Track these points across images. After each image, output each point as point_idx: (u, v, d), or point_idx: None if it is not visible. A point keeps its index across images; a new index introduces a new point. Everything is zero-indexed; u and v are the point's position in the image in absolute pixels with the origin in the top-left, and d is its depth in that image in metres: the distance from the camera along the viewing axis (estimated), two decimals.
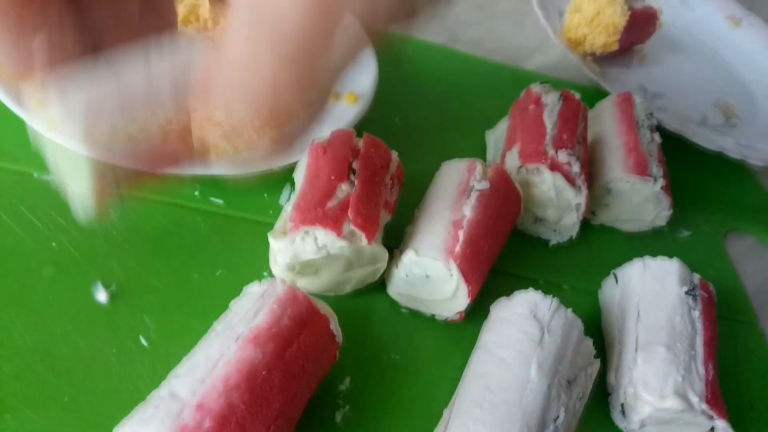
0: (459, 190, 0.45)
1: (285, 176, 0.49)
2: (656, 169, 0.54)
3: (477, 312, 0.44)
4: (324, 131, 0.51)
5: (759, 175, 0.71)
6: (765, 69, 0.86)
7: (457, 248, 0.41)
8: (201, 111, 0.25)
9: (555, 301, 0.41)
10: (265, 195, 0.49)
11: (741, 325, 0.56)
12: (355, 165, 0.43)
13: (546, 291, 0.52)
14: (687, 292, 0.45)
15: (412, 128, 0.60)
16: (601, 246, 0.57)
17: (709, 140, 0.67)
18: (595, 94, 0.66)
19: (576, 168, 0.50)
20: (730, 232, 0.65)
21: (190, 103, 0.25)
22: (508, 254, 0.49)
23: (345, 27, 0.23)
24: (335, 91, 0.55)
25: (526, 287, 0.51)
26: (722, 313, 0.49)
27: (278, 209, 0.48)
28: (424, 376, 0.43)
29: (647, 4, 0.76)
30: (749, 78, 0.86)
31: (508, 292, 0.47)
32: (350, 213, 0.40)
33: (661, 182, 0.54)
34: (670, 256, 0.60)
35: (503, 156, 0.53)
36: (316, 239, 0.40)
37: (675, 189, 0.58)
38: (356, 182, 0.42)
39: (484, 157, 0.60)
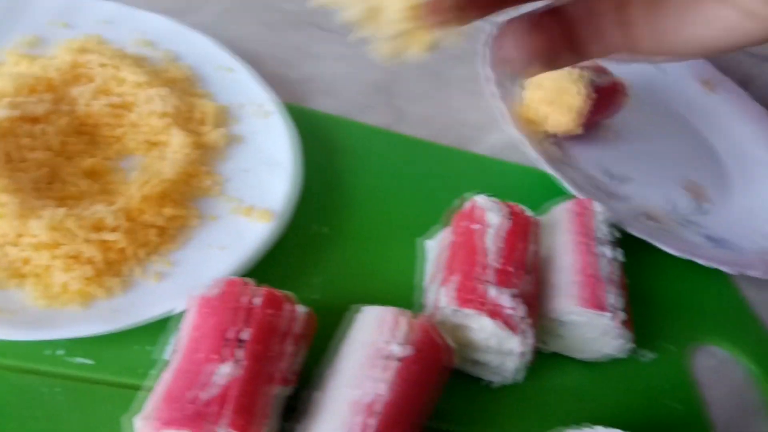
0: (372, 358, 0.37)
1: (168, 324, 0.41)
2: (615, 299, 0.47)
3: None
4: (222, 266, 0.44)
5: (734, 277, 0.64)
6: (739, 141, 0.81)
7: None
8: None
9: None
10: (147, 347, 0.41)
11: None
12: (245, 335, 0.35)
13: None
14: None
15: (344, 238, 0.52)
16: (553, 379, 0.50)
17: (679, 243, 0.60)
18: (552, 186, 0.59)
19: (521, 311, 0.42)
20: (700, 346, 0.58)
21: None
22: (441, 398, 0.41)
23: None
24: (248, 206, 0.48)
25: None
26: None
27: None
28: None
29: (614, 77, 0.69)
30: (723, 152, 0.80)
31: None
32: (227, 412, 0.32)
33: (621, 316, 0.47)
34: (632, 384, 0.53)
35: (439, 288, 0.45)
36: None
37: (637, 299, 0.51)
38: (243, 363, 0.34)
39: (421, 272, 0.52)
